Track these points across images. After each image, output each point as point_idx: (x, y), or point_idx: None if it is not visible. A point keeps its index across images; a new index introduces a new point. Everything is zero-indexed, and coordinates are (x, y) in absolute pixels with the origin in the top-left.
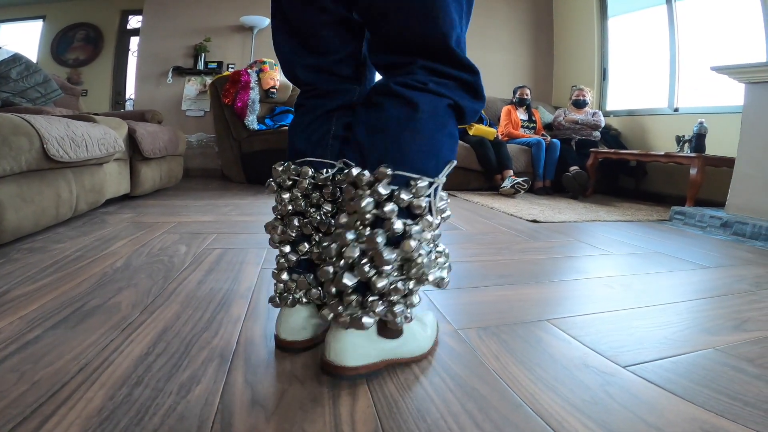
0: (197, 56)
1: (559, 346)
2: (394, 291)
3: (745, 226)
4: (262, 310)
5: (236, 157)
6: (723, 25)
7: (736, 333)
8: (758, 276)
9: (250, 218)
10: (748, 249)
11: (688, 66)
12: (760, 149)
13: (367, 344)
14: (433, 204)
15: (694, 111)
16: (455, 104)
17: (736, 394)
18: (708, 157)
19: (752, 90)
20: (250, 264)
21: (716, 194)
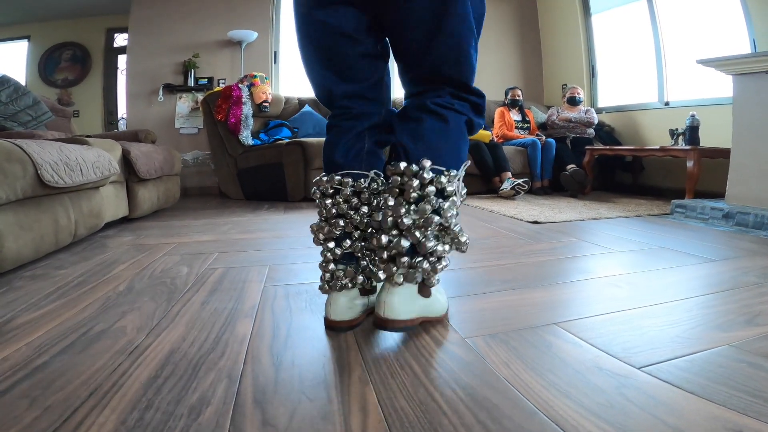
0: (187, 72)
1: (569, 349)
2: (433, 253)
3: (747, 216)
4: (268, 328)
5: (232, 173)
6: (705, 17)
7: (749, 328)
8: (765, 267)
9: (250, 236)
10: (751, 239)
11: (675, 59)
12: (755, 139)
13: (411, 301)
14: (458, 189)
15: (684, 104)
16: (469, 120)
17: (756, 391)
18: (703, 149)
19: (740, 81)
20: (252, 282)
21: (714, 185)
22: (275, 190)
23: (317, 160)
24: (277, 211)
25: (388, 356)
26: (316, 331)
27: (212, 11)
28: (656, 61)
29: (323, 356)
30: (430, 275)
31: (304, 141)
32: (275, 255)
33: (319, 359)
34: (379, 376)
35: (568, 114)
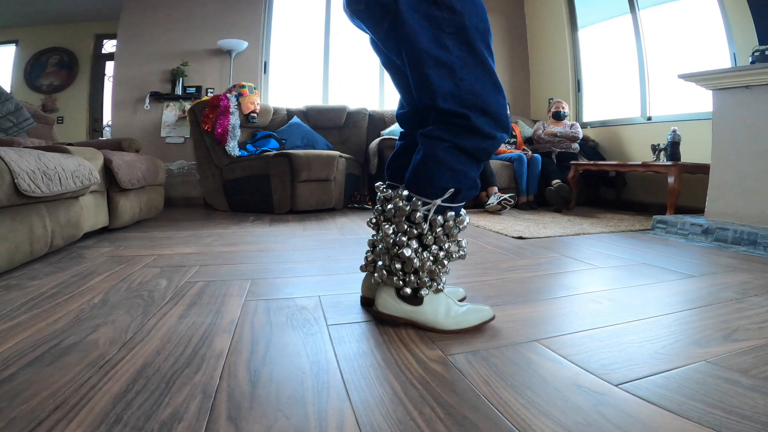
0: (175, 81)
1: (549, 367)
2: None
3: (726, 232)
4: (246, 343)
5: (218, 184)
6: (688, 31)
7: (727, 344)
8: (743, 283)
9: (233, 248)
10: (730, 255)
11: (658, 74)
12: (733, 154)
13: (391, 301)
14: (429, 217)
15: (666, 119)
16: (455, 145)
17: (731, 408)
18: (684, 164)
19: (719, 96)
20: (233, 296)
21: (696, 201)
22: (261, 202)
23: (304, 172)
24: (263, 223)
25: (368, 373)
26: (295, 347)
27: (202, 20)
28: (639, 76)
29: (302, 373)
30: (403, 287)
31: (291, 153)
32: (258, 269)
33: (297, 376)
34: (359, 394)
35: (554, 129)
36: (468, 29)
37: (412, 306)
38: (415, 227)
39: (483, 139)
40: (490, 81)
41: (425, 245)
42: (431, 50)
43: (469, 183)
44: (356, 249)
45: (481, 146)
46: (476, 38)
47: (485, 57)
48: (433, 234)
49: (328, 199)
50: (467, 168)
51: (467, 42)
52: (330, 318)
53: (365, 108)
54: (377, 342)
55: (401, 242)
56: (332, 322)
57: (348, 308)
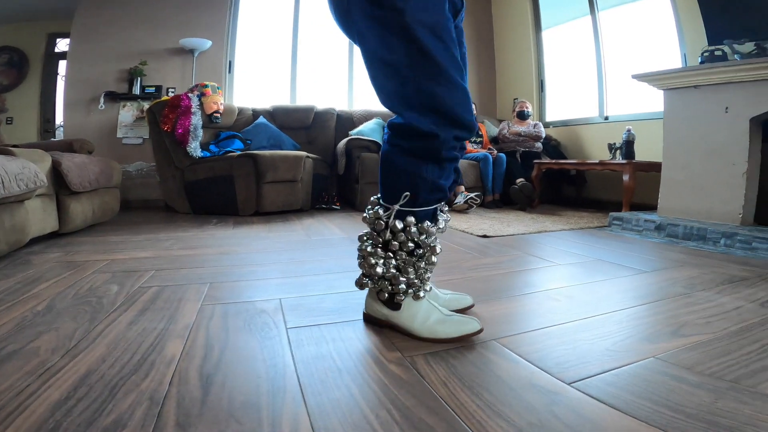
0: (132, 80)
1: (506, 366)
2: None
3: (677, 228)
4: (200, 348)
5: (179, 186)
6: (643, 33)
7: (675, 339)
8: (692, 277)
9: (193, 252)
10: (681, 250)
11: (615, 75)
12: (683, 153)
13: (373, 302)
14: (389, 223)
15: (622, 119)
16: (403, 148)
17: (677, 406)
18: (638, 163)
19: (670, 96)
20: (189, 301)
21: (650, 198)
22: (225, 204)
23: (270, 173)
24: (226, 225)
25: (326, 377)
26: (252, 351)
27: (164, 18)
28: (597, 76)
29: (257, 377)
30: (381, 291)
31: (256, 153)
32: (218, 272)
33: (252, 380)
34: (315, 398)
35: (518, 128)
36: (411, 26)
37: (390, 310)
38: (380, 234)
39: (424, 139)
40: (442, 77)
41: (392, 252)
42: (378, 51)
43: (427, 186)
44: (322, 250)
45: (425, 146)
46: (422, 34)
47: (434, 52)
48: (397, 240)
49: (295, 200)
50: (421, 170)
51: (412, 39)
52: (290, 321)
53: (333, 108)
54: (337, 345)
55: (364, 249)
56: (292, 326)
57: (309, 311)
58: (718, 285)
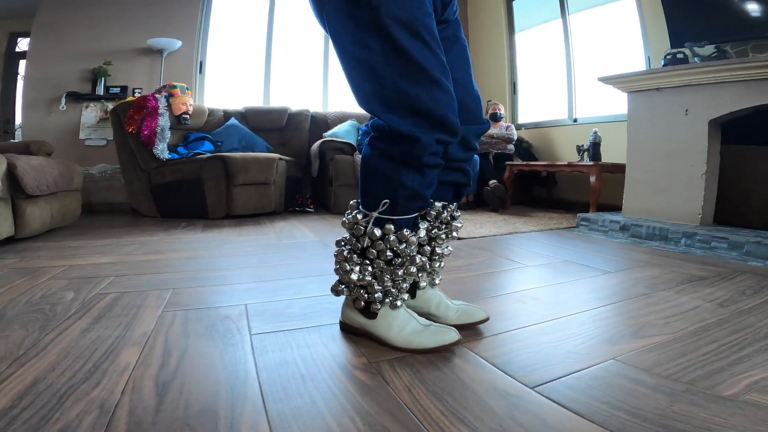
0: (96, 81)
1: (471, 371)
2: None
3: (641, 228)
4: (157, 356)
5: (145, 189)
6: (611, 36)
7: (635, 340)
8: (653, 277)
9: (157, 257)
10: (644, 250)
11: (584, 77)
12: (646, 154)
13: (349, 311)
14: (367, 230)
15: (590, 121)
16: (382, 152)
17: (634, 409)
18: (604, 164)
19: (634, 98)
20: (149, 308)
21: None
22: (194, 207)
23: (241, 176)
24: (195, 229)
25: (288, 384)
26: (212, 358)
27: (131, 18)
28: (567, 79)
29: (217, 384)
30: (357, 299)
31: (226, 155)
32: (182, 277)
33: (211, 388)
34: (276, 405)
35: (491, 130)
36: (386, 24)
37: (366, 319)
38: (359, 240)
39: (404, 142)
40: (422, 76)
41: (370, 259)
42: (354, 51)
43: (406, 193)
44: (293, 254)
45: (405, 150)
46: (397, 31)
47: (412, 51)
48: (375, 248)
49: (268, 202)
50: (401, 176)
51: (388, 37)
52: (255, 327)
53: (308, 109)
54: (302, 351)
55: (341, 254)
56: (257, 332)
57: (275, 316)
58: (678, 285)
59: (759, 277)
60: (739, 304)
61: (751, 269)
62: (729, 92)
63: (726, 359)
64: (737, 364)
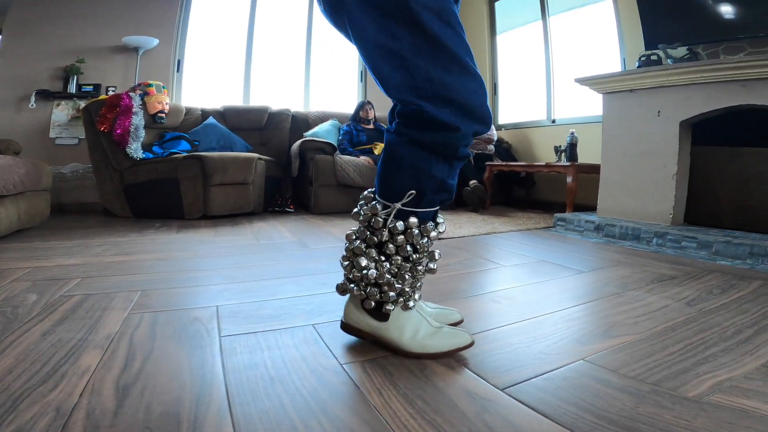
0: (68, 78)
1: (443, 373)
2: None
3: (614, 228)
4: (120, 359)
5: (118, 189)
6: (589, 38)
7: (604, 340)
8: (624, 277)
9: (127, 258)
10: (617, 250)
11: (563, 78)
12: (619, 155)
13: (356, 313)
14: (388, 222)
15: (568, 122)
16: (412, 139)
17: (600, 411)
18: (580, 165)
19: (609, 99)
20: (115, 310)
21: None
22: (170, 207)
23: (218, 176)
24: (170, 230)
25: (257, 386)
26: (178, 361)
27: (106, 16)
28: (546, 80)
29: (181, 387)
30: (366, 299)
31: (203, 155)
32: (153, 279)
33: (175, 391)
34: (242, 408)
35: None
36: (416, 12)
37: (377, 321)
38: (375, 234)
39: (441, 131)
40: (455, 64)
41: (386, 254)
42: (379, 40)
43: (435, 184)
44: (269, 255)
45: (440, 140)
46: (429, 19)
47: (443, 39)
48: (394, 243)
49: (246, 203)
50: (430, 167)
51: (417, 25)
52: (225, 329)
53: (288, 109)
54: (272, 353)
55: (358, 249)
56: (227, 333)
57: (247, 318)
58: (648, 284)
59: (727, 276)
60: (706, 304)
61: (719, 268)
62: (700, 94)
63: (692, 359)
64: (702, 364)
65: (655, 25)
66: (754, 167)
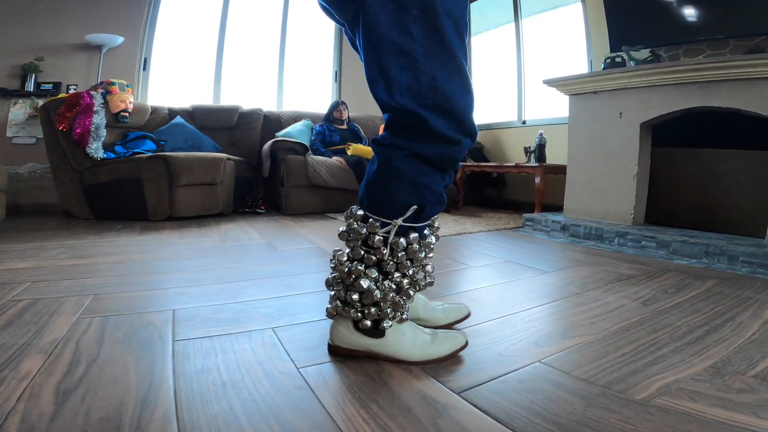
0: (26, 76)
1: (401, 376)
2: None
3: (579, 228)
4: (63, 364)
5: (77, 190)
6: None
7: (561, 341)
8: (585, 276)
9: (83, 261)
10: (581, 250)
11: (534, 80)
12: (584, 156)
13: (347, 333)
14: (390, 240)
15: (538, 123)
16: (414, 154)
17: (551, 415)
18: (548, 165)
19: (574, 101)
20: (64, 314)
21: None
22: (133, 208)
23: (184, 176)
24: (132, 232)
25: (207, 391)
26: (126, 365)
27: (69, 13)
28: (517, 81)
29: (125, 392)
30: (362, 320)
31: (168, 155)
32: (108, 282)
33: (118, 396)
34: (189, 413)
35: None
36: (438, 13)
37: (373, 339)
38: (374, 253)
39: (446, 144)
40: (458, 77)
41: (386, 273)
42: (391, 35)
43: (435, 198)
44: (234, 257)
45: (444, 153)
46: (447, 25)
47: (455, 48)
48: (395, 260)
49: (215, 204)
50: (430, 180)
51: (435, 28)
52: (180, 333)
53: (260, 108)
54: (227, 357)
55: (357, 271)
56: (181, 338)
57: (204, 322)
58: (607, 284)
59: (683, 275)
60: (661, 303)
61: (676, 267)
62: (659, 95)
63: (642, 360)
64: (652, 365)
65: (620, 27)
66: (711, 168)
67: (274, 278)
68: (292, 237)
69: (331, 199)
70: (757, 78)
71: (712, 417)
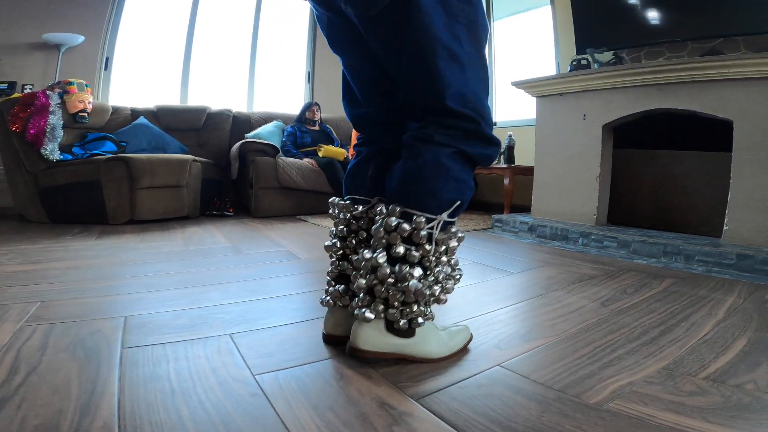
0: None
1: (360, 383)
2: (392, 298)
3: (545, 229)
4: (2, 371)
5: (33, 192)
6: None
7: (522, 344)
8: (550, 277)
9: (32, 267)
10: (547, 250)
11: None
12: (550, 157)
13: (378, 335)
14: (434, 236)
15: (509, 124)
16: (460, 151)
17: (507, 421)
18: (517, 167)
19: (541, 103)
20: (7, 322)
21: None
22: (92, 211)
23: (146, 178)
24: (89, 236)
25: (154, 399)
26: (68, 373)
27: (25, 11)
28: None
29: (65, 401)
30: (399, 320)
31: (129, 157)
32: (57, 289)
33: (57, 404)
34: (133, 421)
35: None
36: (479, 25)
37: (404, 339)
38: (417, 249)
39: (489, 145)
40: (485, 86)
41: (425, 268)
42: (445, 39)
43: (470, 194)
44: (197, 261)
45: (485, 153)
46: (483, 34)
47: (485, 58)
48: (437, 256)
49: (180, 206)
50: (468, 177)
51: (477, 38)
52: (130, 340)
53: (230, 109)
54: (179, 365)
55: (403, 273)
56: (130, 345)
57: (158, 328)
58: (570, 284)
59: (642, 274)
60: (619, 303)
61: (636, 267)
62: (621, 97)
63: (598, 362)
64: (607, 368)
65: (586, 30)
66: (669, 169)
67: (236, 283)
68: (260, 240)
69: (302, 201)
70: (713, 80)
71: (662, 421)
